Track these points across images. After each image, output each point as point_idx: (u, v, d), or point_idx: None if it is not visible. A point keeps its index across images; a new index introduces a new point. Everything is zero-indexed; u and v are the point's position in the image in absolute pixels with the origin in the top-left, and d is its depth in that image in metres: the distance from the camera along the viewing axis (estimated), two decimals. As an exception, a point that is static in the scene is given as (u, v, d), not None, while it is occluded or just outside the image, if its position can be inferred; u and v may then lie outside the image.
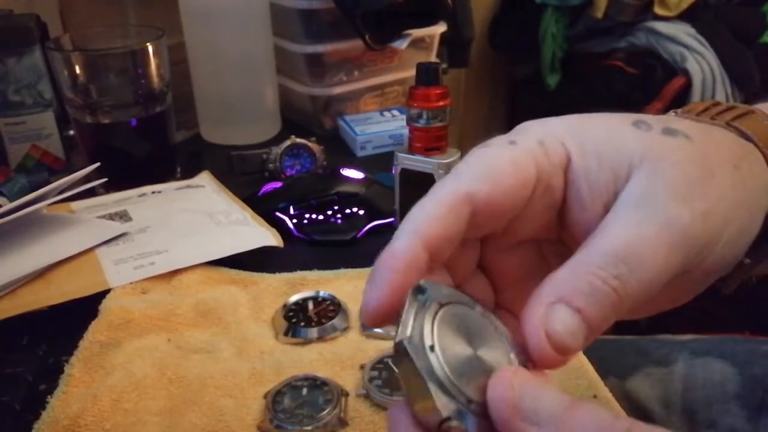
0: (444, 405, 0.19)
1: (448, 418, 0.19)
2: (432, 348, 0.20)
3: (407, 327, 0.20)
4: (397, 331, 0.20)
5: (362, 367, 0.43)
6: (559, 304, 0.21)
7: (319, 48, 0.80)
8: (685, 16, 1.39)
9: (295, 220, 0.61)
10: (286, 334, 0.47)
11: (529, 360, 0.21)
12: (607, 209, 0.23)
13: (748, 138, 0.26)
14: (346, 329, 0.48)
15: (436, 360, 0.20)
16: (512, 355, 0.22)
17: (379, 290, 0.21)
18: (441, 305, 0.21)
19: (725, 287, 0.29)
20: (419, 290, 0.21)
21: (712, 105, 0.28)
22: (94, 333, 0.46)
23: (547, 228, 0.25)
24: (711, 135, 0.25)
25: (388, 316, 0.22)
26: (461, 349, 0.21)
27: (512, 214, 0.24)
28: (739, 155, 0.25)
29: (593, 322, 0.21)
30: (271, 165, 0.70)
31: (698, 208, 0.22)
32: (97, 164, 0.60)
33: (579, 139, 0.24)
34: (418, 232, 0.22)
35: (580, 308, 0.20)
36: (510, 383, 0.19)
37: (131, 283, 0.51)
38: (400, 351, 0.20)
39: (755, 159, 0.26)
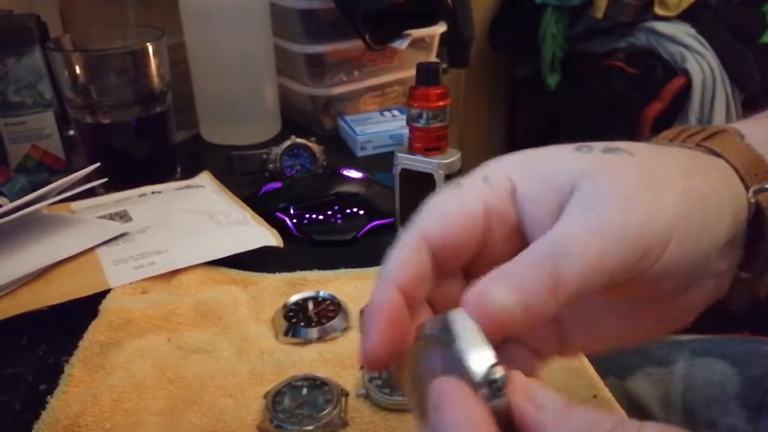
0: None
1: (499, 379, 0.20)
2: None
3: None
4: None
5: (362, 367, 0.43)
6: (498, 283, 0.22)
7: (319, 48, 0.80)
8: (685, 16, 1.39)
9: (295, 220, 0.61)
10: (286, 334, 0.47)
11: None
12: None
13: (717, 155, 0.28)
14: (346, 329, 0.48)
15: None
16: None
17: (370, 339, 0.24)
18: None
19: (730, 302, 0.29)
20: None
21: (683, 131, 0.31)
22: (94, 333, 0.46)
23: (517, 250, 0.26)
24: (659, 151, 0.27)
25: (383, 360, 0.24)
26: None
27: (474, 247, 0.26)
28: (694, 167, 0.27)
29: (531, 298, 0.22)
30: (271, 165, 0.70)
31: (635, 213, 0.24)
32: (97, 164, 0.61)
33: (523, 168, 0.27)
34: (390, 279, 0.25)
35: (518, 286, 0.22)
36: (527, 381, 0.21)
37: (131, 283, 0.51)
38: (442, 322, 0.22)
39: (720, 172, 0.27)
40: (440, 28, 0.88)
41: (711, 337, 0.59)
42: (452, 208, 0.26)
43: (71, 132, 0.72)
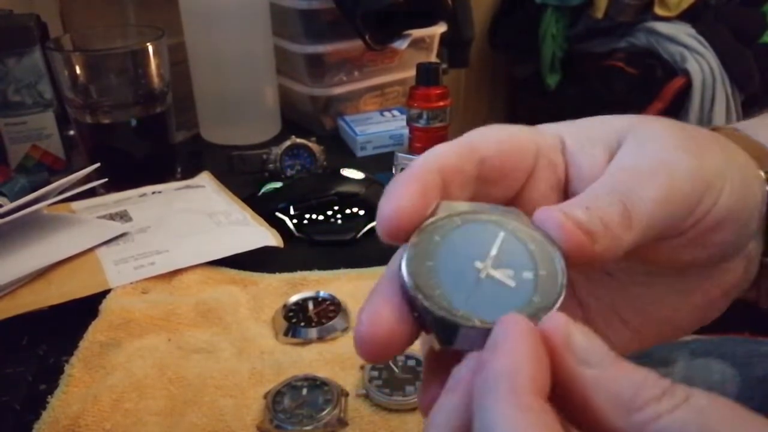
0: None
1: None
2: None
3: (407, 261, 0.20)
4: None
5: (362, 367, 0.43)
6: (572, 205, 0.21)
7: (319, 48, 0.80)
8: (685, 17, 1.39)
9: (295, 220, 0.61)
10: (286, 334, 0.47)
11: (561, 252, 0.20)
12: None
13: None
14: (346, 329, 0.48)
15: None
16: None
17: (394, 201, 0.21)
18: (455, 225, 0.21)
19: (761, 300, 0.29)
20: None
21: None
22: (95, 333, 0.46)
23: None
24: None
25: (403, 228, 0.21)
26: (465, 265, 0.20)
27: (521, 178, 0.25)
28: (722, 139, 0.27)
29: (606, 219, 0.21)
30: (271, 165, 0.70)
31: (690, 155, 0.24)
32: (97, 164, 0.61)
33: (569, 127, 0.26)
34: (429, 160, 0.22)
35: (592, 207, 0.21)
36: (564, 324, 0.19)
37: (131, 283, 0.51)
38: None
39: (740, 150, 0.27)
40: (440, 28, 0.88)
41: (711, 337, 0.58)
42: (504, 133, 0.25)
43: (71, 132, 0.72)
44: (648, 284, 0.27)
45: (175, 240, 0.56)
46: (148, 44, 0.66)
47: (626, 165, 0.23)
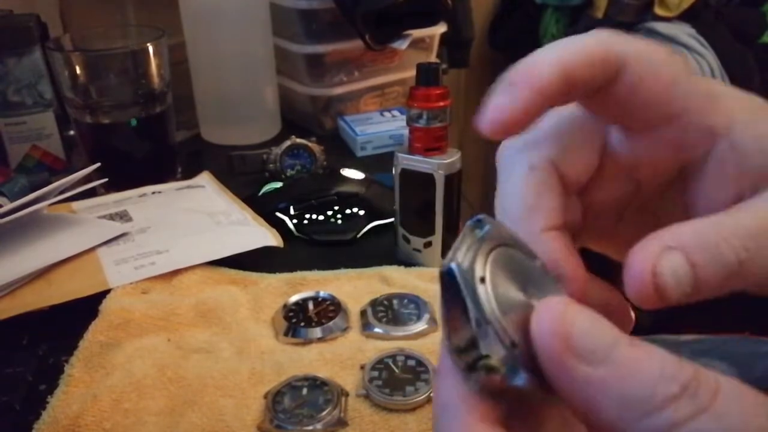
0: (485, 342, 0.17)
1: (487, 356, 0.17)
2: (483, 280, 0.18)
3: (459, 252, 0.18)
4: (446, 257, 0.18)
5: (362, 367, 0.43)
6: (677, 251, 0.18)
7: (319, 48, 0.80)
8: (685, 17, 1.39)
9: (295, 220, 0.61)
10: (286, 334, 0.47)
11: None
12: (739, 198, 0.21)
13: None
14: (346, 329, 0.48)
15: (485, 293, 0.18)
16: None
17: (509, 96, 0.20)
18: (499, 245, 0.19)
19: None
20: (478, 224, 0.20)
21: None
22: (94, 333, 0.46)
23: (660, 183, 0.23)
24: None
25: (510, 125, 0.20)
26: (513, 292, 0.19)
27: (656, 117, 0.22)
28: None
29: (702, 283, 0.18)
30: (271, 165, 0.70)
31: None
32: (98, 164, 0.61)
33: (748, 111, 0.23)
34: (561, 58, 0.21)
35: (697, 263, 0.18)
36: (560, 313, 0.17)
37: (131, 283, 0.51)
38: (448, 276, 0.18)
39: None
40: (440, 28, 0.88)
41: (711, 337, 0.58)
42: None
43: (71, 132, 0.72)
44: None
45: (175, 240, 0.56)
46: (148, 44, 0.66)
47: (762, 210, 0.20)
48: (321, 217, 0.61)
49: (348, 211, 0.61)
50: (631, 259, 0.18)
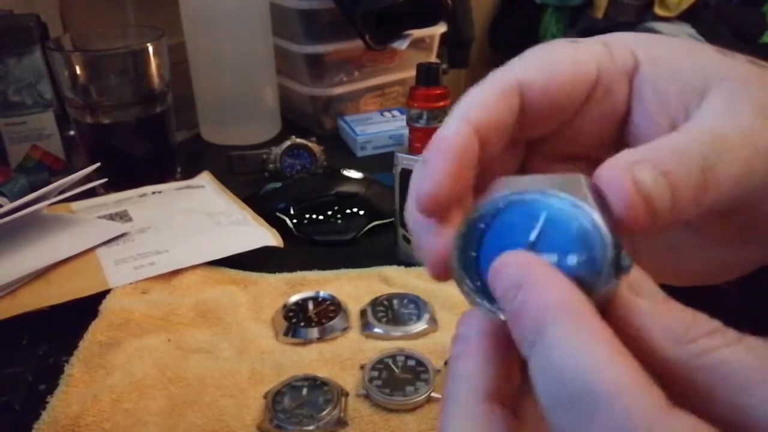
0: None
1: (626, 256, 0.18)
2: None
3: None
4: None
5: (362, 367, 0.43)
6: (644, 163, 0.18)
7: (319, 48, 0.80)
8: (685, 16, 1.39)
9: (295, 220, 0.61)
10: (286, 334, 0.47)
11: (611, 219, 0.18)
12: (674, 127, 0.22)
13: None
14: (346, 329, 0.48)
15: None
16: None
17: (434, 176, 0.20)
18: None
19: None
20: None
21: None
22: (94, 333, 0.46)
23: (603, 144, 0.23)
24: None
25: (442, 204, 0.20)
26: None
27: (566, 114, 0.23)
28: None
29: (678, 192, 0.19)
30: (271, 165, 0.70)
31: None
32: (98, 164, 0.61)
33: (651, 48, 0.23)
34: (467, 117, 0.21)
35: (668, 171, 0.18)
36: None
37: (131, 283, 0.51)
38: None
39: None
40: (440, 28, 0.88)
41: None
42: (563, 58, 0.22)
43: (71, 132, 0.72)
44: (679, 245, 0.25)
45: (175, 240, 0.56)
46: (148, 44, 0.66)
47: (714, 126, 0.20)
48: (321, 217, 0.61)
49: (348, 211, 0.61)
50: (605, 174, 0.18)
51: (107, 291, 0.50)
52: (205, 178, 0.71)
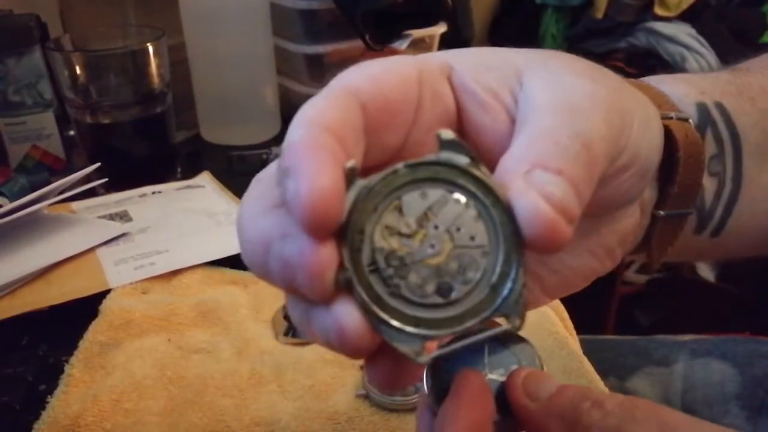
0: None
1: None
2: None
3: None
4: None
5: (362, 367, 0.43)
6: (536, 170, 0.18)
7: (319, 48, 0.80)
8: (685, 16, 1.39)
9: (295, 220, 0.61)
10: (286, 334, 0.47)
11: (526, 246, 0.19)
12: (508, 110, 0.22)
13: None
14: (346, 329, 0.47)
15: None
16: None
17: (312, 178, 0.17)
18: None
19: (652, 257, 0.29)
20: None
21: None
22: (94, 333, 0.46)
23: None
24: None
25: (338, 208, 0.18)
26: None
27: (405, 116, 0.22)
28: (622, 79, 0.25)
29: (578, 182, 0.19)
30: (271, 165, 0.70)
31: (605, 86, 0.22)
32: (98, 164, 0.61)
33: (457, 54, 0.24)
34: (314, 120, 0.19)
35: (561, 169, 0.19)
36: (522, 378, 0.23)
37: (131, 284, 0.51)
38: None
39: (640, 92, 0.26)
40: (440, 28, 0.88)
41: (711, 338, 0.59)
42: (384, 65, 0.22)
43: (71, 132, 0.72)
44: None
45: (175, 240, 0.56)
46: (148, 44, 0.66)
47: (556, 99, 0.20)
48: (321, 217, 0.61)
49: (348, 211, 0.61)
50: (511, 198, 0.19)
51: (107, 291, 0.50)
52: (205, 178, 0.71)
